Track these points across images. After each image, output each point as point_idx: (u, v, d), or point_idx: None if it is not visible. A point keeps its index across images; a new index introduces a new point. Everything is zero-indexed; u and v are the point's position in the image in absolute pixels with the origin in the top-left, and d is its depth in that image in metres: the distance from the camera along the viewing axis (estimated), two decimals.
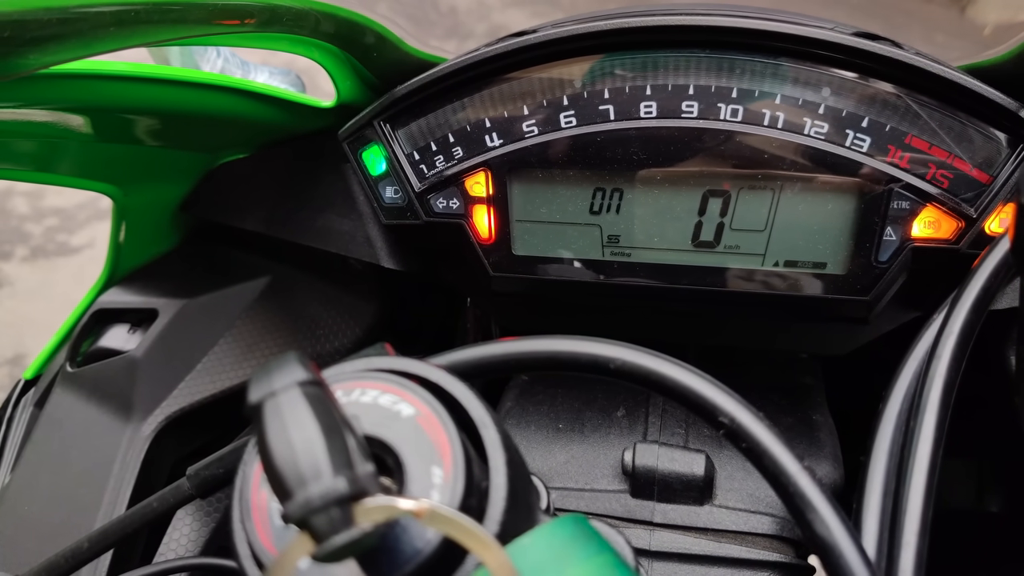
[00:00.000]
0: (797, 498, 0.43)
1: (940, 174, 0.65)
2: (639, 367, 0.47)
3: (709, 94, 0.67)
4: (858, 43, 0.65)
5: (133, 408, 0.82)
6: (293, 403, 0.32)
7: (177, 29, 0.54)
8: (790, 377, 0.83)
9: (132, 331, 0.90)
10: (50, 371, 0.92)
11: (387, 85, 0.75)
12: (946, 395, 0.48)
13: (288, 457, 0.31)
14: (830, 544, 0.41)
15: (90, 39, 0.48)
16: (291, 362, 0.34)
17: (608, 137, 0.70)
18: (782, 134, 0.67)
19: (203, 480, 0.55)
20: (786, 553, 0.66)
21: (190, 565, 0.68)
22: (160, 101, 0.71)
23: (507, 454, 0.38)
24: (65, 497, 0.78)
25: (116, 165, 0.84)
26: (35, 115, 0.67)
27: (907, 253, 0.68)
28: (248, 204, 0.90)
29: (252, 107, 0.77)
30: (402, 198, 0.77)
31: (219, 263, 0.98)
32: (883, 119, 0.66)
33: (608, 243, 0.74)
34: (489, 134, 0.72)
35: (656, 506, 0.68)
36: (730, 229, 0.71)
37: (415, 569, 0.33)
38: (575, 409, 0.78)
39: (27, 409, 0.91)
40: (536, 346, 0.48)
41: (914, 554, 0.44)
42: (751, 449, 0.44)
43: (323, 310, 0.94)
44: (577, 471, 0.73)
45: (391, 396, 0.38)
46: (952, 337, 0.50)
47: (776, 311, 0.75)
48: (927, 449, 0.47)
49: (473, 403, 0.39)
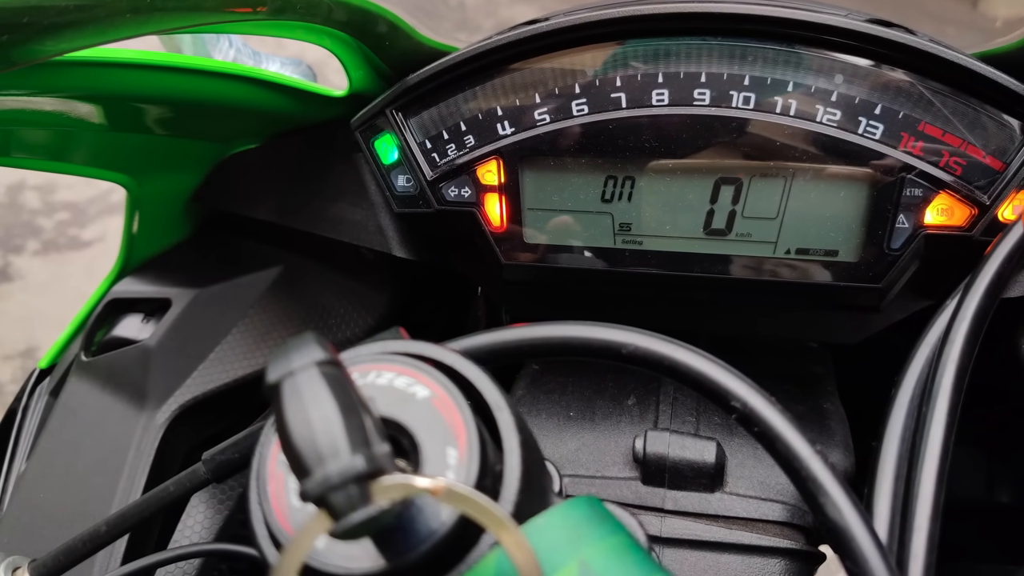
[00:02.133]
0: (809, 482, 0.43)
1: (953, 161, 0.65)
2: (652, 352, 0.47)
3: (721, 82, 0.67)
4: (872, 29, 0.65)
5: (147, 397, 0.83)
6: (311, 382, 0.33)
7: (191, 16, 0.54)
8: (801, 366, 0.83)
9: (146, 320, 0.91)
10: (65, 360, 0.93)
11: (399, 74, 0.75)
12: (959, 380, 0.49)
13: (306, 435, 0.31)
14: (842, 528, 0.41)
15: (106, 26, 0.48)
16: (309, 342, 0.34)
17: (620, 125, 0.70)
18: (794, 121, 0.66)
19: (219, 465, 0.55)
20: (797, 540, 0.66)
21: (207, 551, 0.69)
22: (172, 89, 0.71)
23: (521, 436, 0.38)
24: (80, 485, 0.78)
25: (129, 155, 0.84)
26: (49, 103, 0.67)
27: (920, 240, 0.67)
28: (260, 194, 0.90)
29: (264, 96, 0.77)
30: (414, 187, 0.77)
31: (231, 253, 0.98)
32: (896, 106, 0.65)
33: (620, 231, 0.74)
34: (501, 122, 0.72)
35: (667, 493, 0.68)
36: (742, 217, 0.71)
37: (430, 548, 0.34)
38: (586, 397, 0.78)
39: (42, 398, 0.92)
40: (549, 332, 0.48)
41: (926, 538, 0.44)
42: (763, 433, 0.44)
43: (335, 300, 0.94)
44: (588, 458, 0.73)
45: (406, 378, 0.38)
46: (965, 323, 0.50)
47: (787, 299, 0.74)
48: (939, 434, 0.47)
49: (487, 386, 0.40)
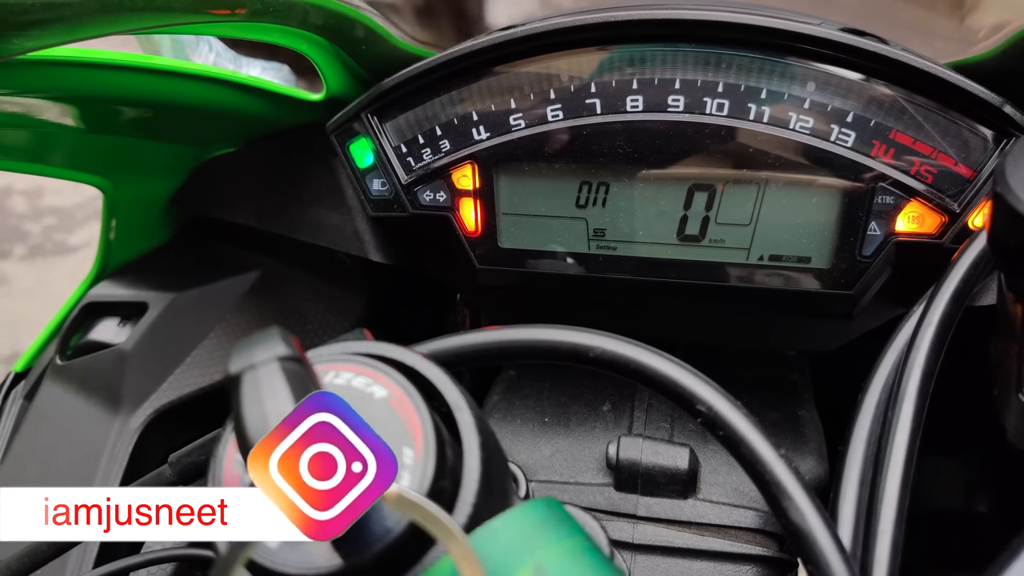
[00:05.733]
0: (773, 486, 0.43)
1: (924, 169, 0.66)
2: (620, 356, 0.47)
3: (695, 88, 0.68)
4: (844, 38, 0.65)
5: (122, 401, 0.82)
6: (271, 377, 0.33)
7: (163, 16, 0.54)
8: (778, 374, 0.84)
9: (122, 324, 0.90)
10: (40, 364, 0.92)
11: (375, 79, 0.75)
12: (924, 385, 0.49)
13: (260, 429, 0.31)
14: (805, 532, 0.41)
15: (74, 24, 0.48)
16: (273, 337, 0.34)
17: (594, 131, 0.70)
18: (768, 129, 0.67)
19: (185, 467, 0.55)
20: (769, 547, 0.66)
21: (179, 555, 0.68)
22: (148, 91, 0.71)
23: (481, 437, 0.38)
24: None
25: (106, 157, 0.84)
26: (24, 104, 0.67)
27: (891, 248, 0.68)
28: (238, 198, 0.90)
29: (241, 99, 0.77)
30: (389, 191, 0.77)
31: (210, 257, 0.98)
32: (868, 114, 0.66)
33: (594, 236, 0.74)
34: (476, 127, 0.72)
35: (640, 499, 0.68)
36: (715, 223, 0.71)
37: (385, 548, 0.33)
38: (561, 403, 0.78)
39: (16, 402, 0.91)
40: (517, 335, 0.48)
41: (890, 543, 0.44)
42: (728, 438, 0.44)
43: (312, 305, 0.94)
44: (562, 464, 0.73)
45: (364, 379, 0.38)
46: (931, 328, 0.51)
47: (761, 305, 0.75)
48: (904, 439, 0.47)
49: (448, 387, 0.39)
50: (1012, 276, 0.47)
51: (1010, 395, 0.51)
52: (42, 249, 3.53)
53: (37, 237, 3.58)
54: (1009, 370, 0.51)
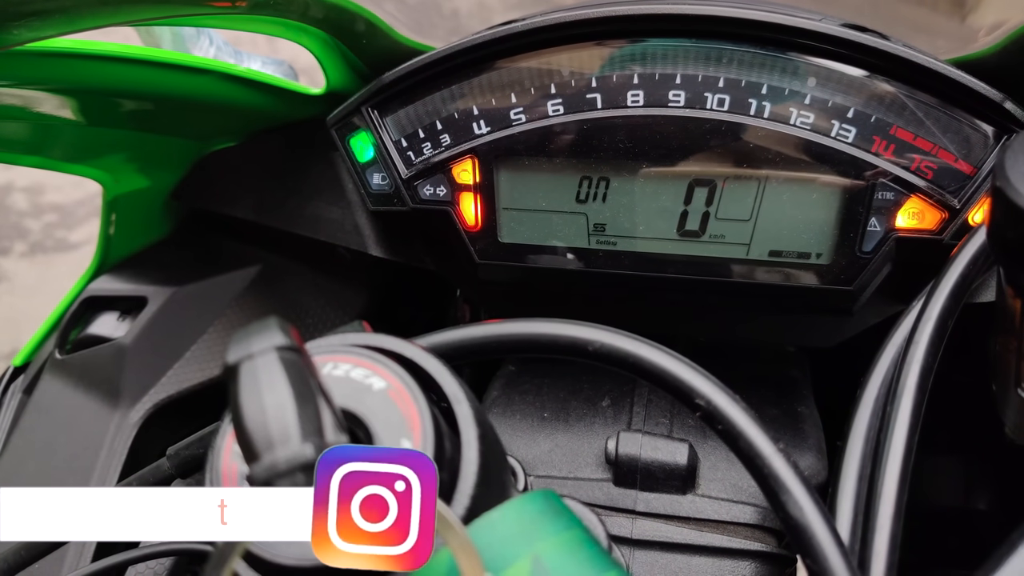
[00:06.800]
0: (771, 480, 0.43)
1: (925, 165, 0.66)
2: (618, 350, 0.47)
3: (696, 83, 0.68)
4: (845, 33, 0.65)
5: (121, 395, 0.82)
6: (269, 367, 0.32)
7: (164, 8, 0.54)
8: (777, 370, 0.84)
9: (121, 318, 0.90)
10: (39, 358, 0.92)
11: (376, 73, 0.75)
12: (923, 381, 0.49)
13: (258, 419, 0.31)
14: (803, 526, 0.41)
15: (74, 15, 0.48)
16: (271, 327, 0.34)
17: (595, 125, 0.70)
18: (768, 124, 0.67)
19: (183, 460, 0.55)
20: (768, 543, 0.66)
21: (177, 550, 0.68)
22: (148, 83, 0.71)
23: (480, 429, 0.38)
24: (51, 484, 0.77)
25: (106, 151, 0.84)
26: (23, 95, 0.67)
27: (891, 244, 0.68)
28: (238, 192, 0.90)
29: (241, 92, 0.77)
30: (389, 185, 0.77)
31: (210, 251, 0.98)
32: (868, 110, 0.66)
33: (594, 232, 0.74)
34: (476, 121, 0.72)
35: (639, 495, 0.68)
36: (715, 219, 0.71)
37: None
38: (561, 398, 0.78)
39: (15, 396, 0.91)
40: (516, 328, 0.48)
41: (888, 537, 0.44)
42: (727, 431, 0.44)
43: (312, 299, 0.94)
44: (561, 459, 0.73)
45: (363, 370, 0.38)
46: (930, 323, 0.51)
47: (761, 301, 0.75)
48: (903, 434, 0.47)
49: (447, 378, 0.39)
50: (1011, 270, 0.47)
51: (1009, 390, 0.51)
52: (43, 246, 3.53)
53: (38, 234, 3.58)
54: (1008, 365, 0.51)
